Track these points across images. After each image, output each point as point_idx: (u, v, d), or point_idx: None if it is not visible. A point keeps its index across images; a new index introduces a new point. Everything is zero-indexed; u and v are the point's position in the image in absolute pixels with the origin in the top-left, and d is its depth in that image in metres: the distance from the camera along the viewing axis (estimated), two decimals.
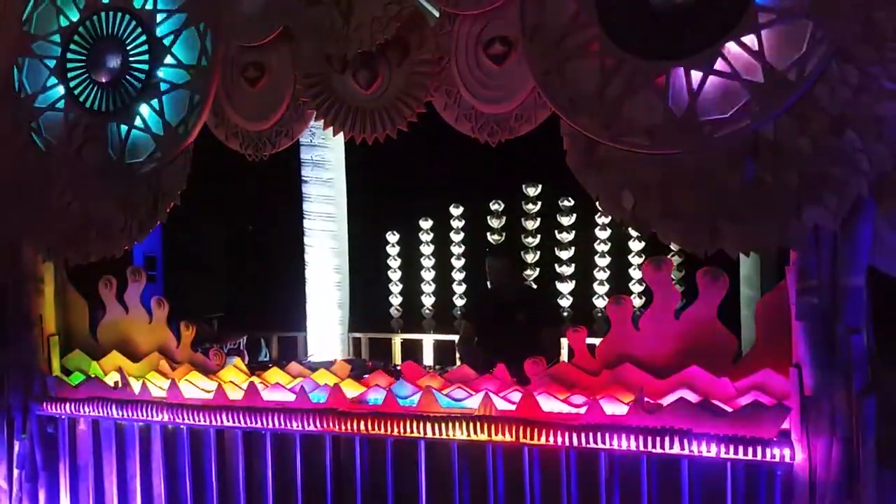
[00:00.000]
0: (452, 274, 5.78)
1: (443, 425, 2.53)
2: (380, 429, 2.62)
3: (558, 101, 2.50)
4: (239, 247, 6.25)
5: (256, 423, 2.80)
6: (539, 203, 5.50)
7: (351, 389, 2.82)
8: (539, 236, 5.53)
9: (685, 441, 2.29)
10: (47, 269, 3.26)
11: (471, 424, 2.50)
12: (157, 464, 3.06)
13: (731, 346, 2.49)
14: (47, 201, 3.14)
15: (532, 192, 5.50)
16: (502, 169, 5.66)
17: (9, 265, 3.28)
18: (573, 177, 2.53)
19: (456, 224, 5.75)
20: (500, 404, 2.57)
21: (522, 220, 5.54)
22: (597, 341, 2.63)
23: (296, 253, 5.58)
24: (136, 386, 3.11)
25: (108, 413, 3.07)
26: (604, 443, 2.36)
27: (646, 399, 2.41)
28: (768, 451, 2.24)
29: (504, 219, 5.61)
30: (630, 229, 5.25)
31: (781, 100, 2.24)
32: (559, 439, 2.41)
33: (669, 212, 2.42)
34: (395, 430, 2.60)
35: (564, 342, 4.41)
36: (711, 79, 2.30)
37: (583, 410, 2.45)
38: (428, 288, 5.79)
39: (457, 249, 5.77)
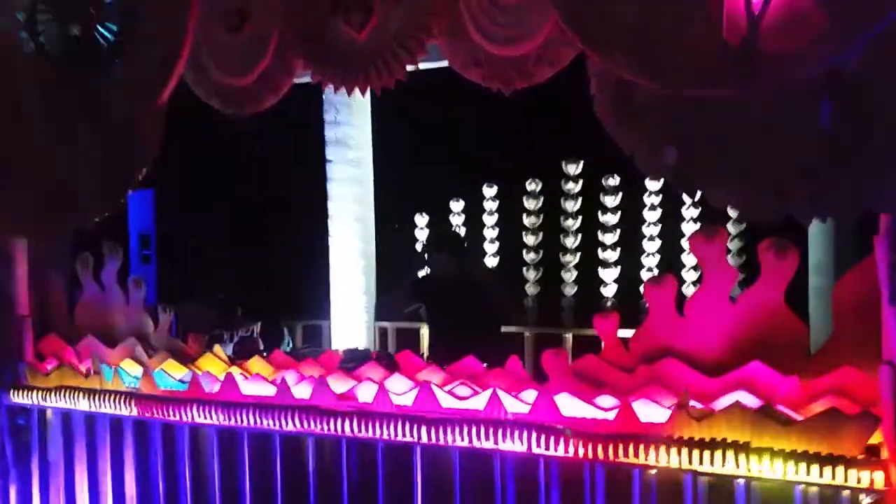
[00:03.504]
0: (485, 259, 5.34)
1: (441, 429, 2.10)
2: (368, 431, 2.20)
3: (587, 37, 2.03)
4: (256, 228, 5.91)
5: (232, 420, 2.42)
6: (580, 182, 5.00)
7: (340, 383, 2.41)
8: (580, 218, 5.03)
9: (742, 457, 1.80)
10: (17, 246, 2.94)
11: (474, 429, 2.06)
12: (129, 461, 2.71)
13: (801, 338, 1.99)
14: (13, 170, 2.82)
15: (572, 169, 4.99)
16: (539, 145, 5.20)
17: None
18: (619, 152, 2.08)
19: (489, 206, 5.30)
20: (512, 405, 2.12)
21: (562, 200, 5.04)
22: None
23: (319, 236, 5.24)
24: (108, 374, 2.77)
25: (75, 404, 2.74)
26: (637, 457, 1.88)
27: (692, 403, 1.92)
28: (851, 472, 1.72)
29: (541, 199, 5.13)
30: (684, 210, 4.73)
31: (868, 26, 1.73)
32: (582, 450, 1.94)
33: (724, 170, 1.96)
34: (386, 432, 2.18)
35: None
36: (778, 0, 1.80)
37: (612, 416, 1.98)
38: None
39: (490, 233, 5.33)
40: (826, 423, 1.80)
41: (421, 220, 5.50)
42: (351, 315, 5.26)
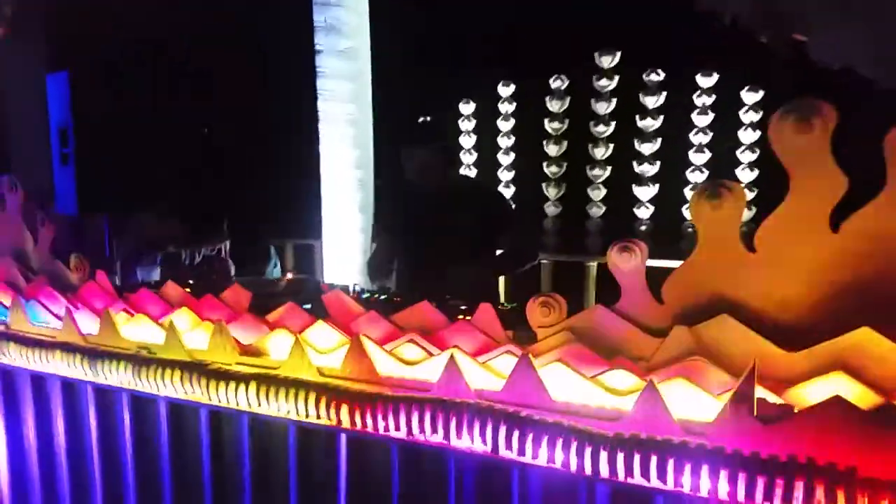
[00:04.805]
0: (499, 173, 4.56)
1: (372, 409, 1.39)
2: (272, 405, 1.51)
3: None
4: (225, 130, 5.16)
5: (102, 376, 1.76)
6: (615, 78, 4.13)
7: (246, 333, 1.71)
8: (614, 124, 4.18)
9: (847, 487, 1.06)
10: None
11: (417, 412, 1.35)
12: (27, 413, 2.10)
13: None
14: None
15: (606, 62, 4.12)
16: (566, 33, 4.30)
17: None
18: (664, 39, 1.36)
19: (505, 108, 4.48)
20: (478, 378, 1.40)
21: (592, 101, 4.20)
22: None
23: (308, 142, 4.52)
24: None
25: None
26: (663, 478, 1.16)
27: (760, 394, 1.18)
28: None
29: (568, 100, 4.28)
30: (742, 114, 3.84)
31: None
32: (576, 459, 1.23)
33: None
34: (296, 409, 1.48)
35: None
36: None
37: (629, 405, 1.25)
38: None
39: (505, 141, 4.52)
40: None
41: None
42: (345, 234, 4.60)
